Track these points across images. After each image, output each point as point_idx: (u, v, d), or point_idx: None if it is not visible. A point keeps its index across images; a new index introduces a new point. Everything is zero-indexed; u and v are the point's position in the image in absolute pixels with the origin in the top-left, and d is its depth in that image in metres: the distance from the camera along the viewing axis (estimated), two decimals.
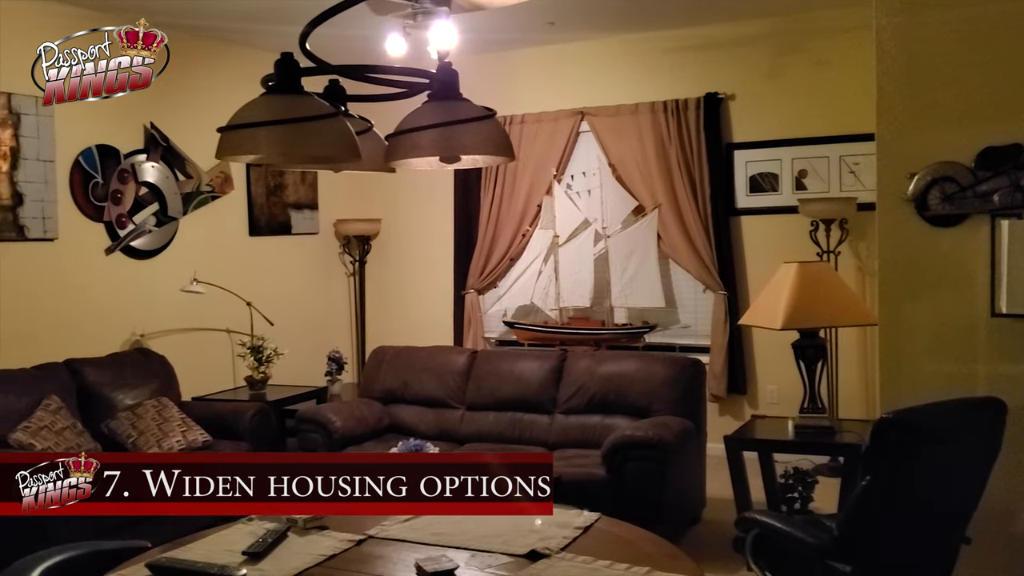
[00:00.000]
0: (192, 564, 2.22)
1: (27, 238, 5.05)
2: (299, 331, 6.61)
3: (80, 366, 5.05)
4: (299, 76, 2.02)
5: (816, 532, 2.89)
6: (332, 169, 2.44)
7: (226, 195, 6.34)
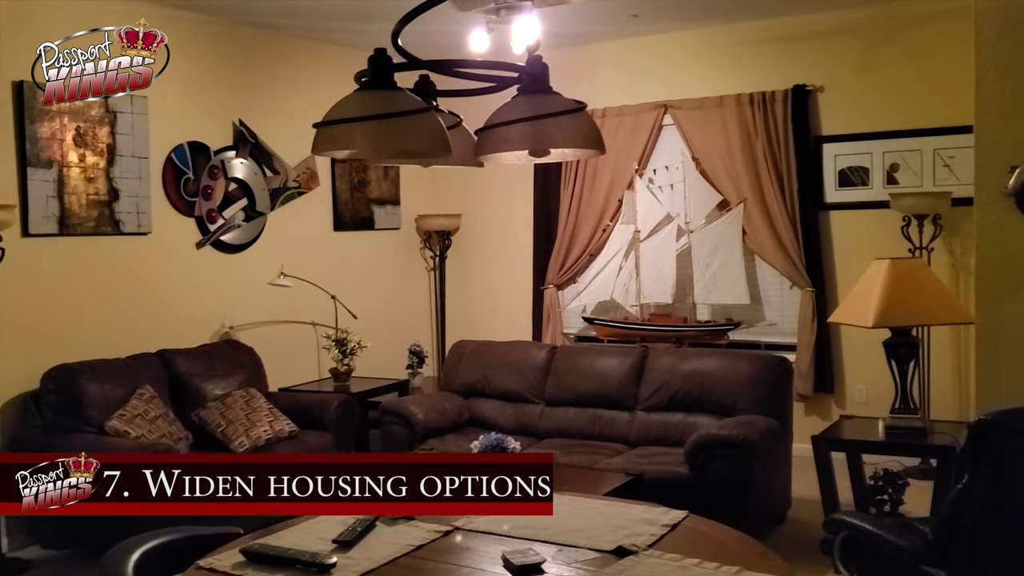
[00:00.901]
0: (284, 551, 2.27)
1: (122, 232, 5.22)
2: (381, 324, 6.70)
3: (172, 356, 5.21)
4: (392, 72, 2.04)
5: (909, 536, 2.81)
6: (422, 164, 2.46)
7: (312, 191, 6.46)
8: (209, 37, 5.74)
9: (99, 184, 5.09)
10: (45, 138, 4.82)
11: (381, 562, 2.26)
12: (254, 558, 2.26)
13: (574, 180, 6.77)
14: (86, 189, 5.02)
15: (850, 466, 4.36)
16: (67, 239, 4.94)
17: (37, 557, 4.55)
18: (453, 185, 7.32)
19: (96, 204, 5.08)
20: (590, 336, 6.87)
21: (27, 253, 4.71)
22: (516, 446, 4.09)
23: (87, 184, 5.02)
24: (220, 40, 5.81)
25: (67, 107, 4.90)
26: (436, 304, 7.41)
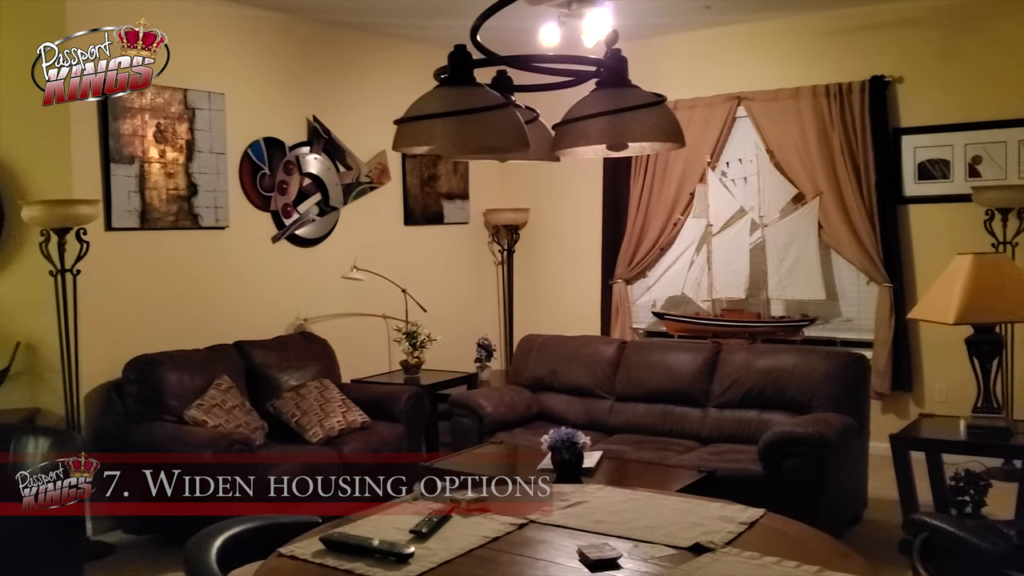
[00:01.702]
0: (363, 540, 2.30)
1: (201, 226, 5.35)
2: (450, 318, 6.75)
3: (249, 348, 5.32)
4: (472, 68, 2.05)
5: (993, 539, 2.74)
6: (498, 159, 2.47)
7: (383, 186, 6.53)
8: (284, 34, 5.84)
9: (178, 179, 5.22)
10: (127, 135, 4.96)
11: (457, 553, 2.28)
12: (333, 546, 2.30)
13: (644, 173, 6.71)
14: (166, 184, 5.15)
15: (930, 466, 4.25)
16: (148, 233, 5.08)
17: (119, 541, 4.70)
18: (522, 179, 7.33)
19: (175, 199, 5.21)
20: (660, 331, 6.82)
21: (110, 246, 4.86)
22: (586, 441, 4.09)
23: (167, 179, 5.16)
24: (295, 37, 5.90)
25: (148, 104, 5.04)
26: (504, 298, 7.43)
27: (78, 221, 4.45)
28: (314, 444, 4.93)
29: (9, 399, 4.62)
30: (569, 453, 4.03)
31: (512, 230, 7.33)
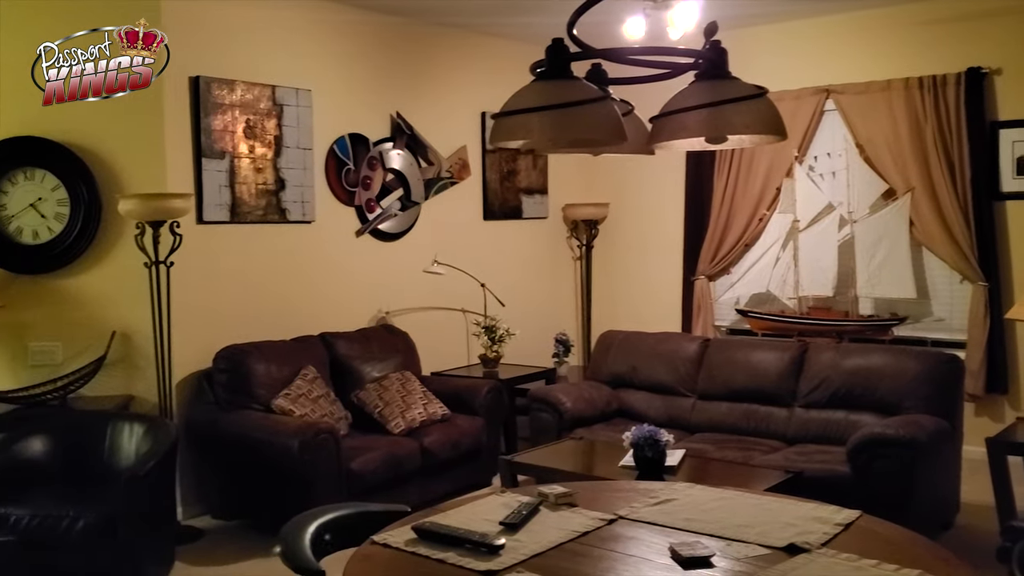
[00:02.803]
0: (454, 530, 2.32)
1: (288, 220, 5.46)
2: (528, 312, 6.76)
3: (333, 339, 5.42)
4: (569, 61, 2.04)
5: None
6: (592, 152, 2.46)
7: (463, 181, 6.57)
8: (370, 32, 5.91)
9: (267, 174, 5.33)
10: (218, 130, 5.08)
11: (548, 546, 2.28)
12: (425, 535, 2.32)
13: (728, 167, 6.61)
14: (255, 179, 5.27)
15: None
16: (237, 226, 5.21)
17: (208, 526, 4.82)
18: (601, 174, 7.29)
19: (264, 193, 5.32)
20: (743, 329, 6.71)
21: (201, 240, 4.99)
22: (669, 439, 4.06)
23: (256, 174, 5.27)
24: (380, 34, 5.97)
25: (238, 100, 5.16)
26: (582, 293, 7.41)
27: (171, 214, 4.58)
28: (396, 435, 4.99)
29: (105, 386, 4.78)
30: (651, 451, 4.01)
31: (591, 225, 7.30)
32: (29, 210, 4.74)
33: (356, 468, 4.55)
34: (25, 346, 4.75)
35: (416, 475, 4.88)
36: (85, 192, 4.73)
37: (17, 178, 4.72)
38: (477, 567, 2.14)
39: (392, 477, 4.72)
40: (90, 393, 4.69)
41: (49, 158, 4.71)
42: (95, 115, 4.74)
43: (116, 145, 4.81)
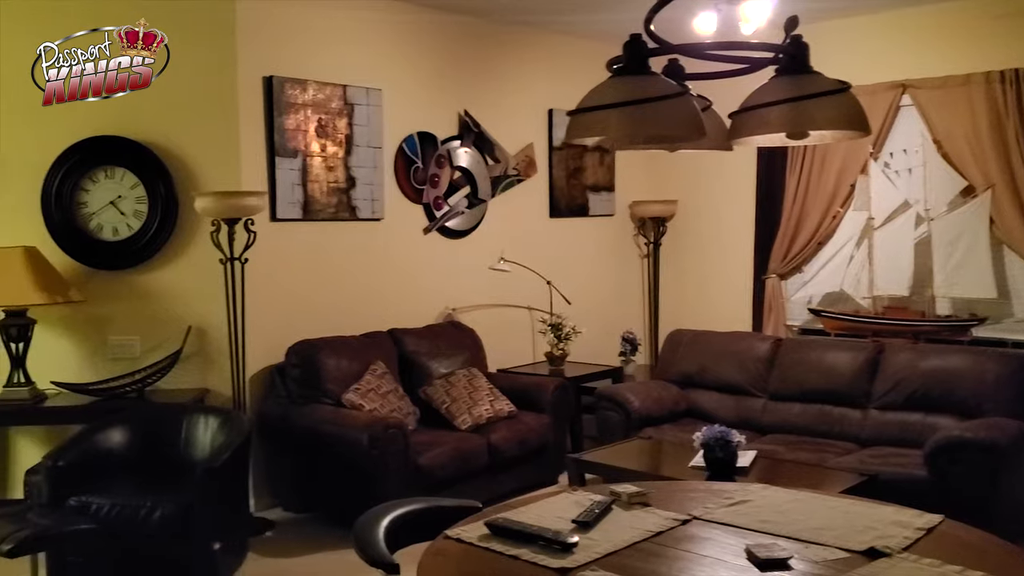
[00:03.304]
0: (527, 526, 2.32)
1: (358, 218, 5.52)
2: (594, 310, 6.74)
3: (401, 335, 5.47)
4: (647, 57, 2.03)
5: None
6: (668, 149, 2.44)
7: (530, 178, 6.57)
8: (438, 30, 5.95)
9: (338, 172, 5.40)
10: (291, 129, 5.17)
11: (622, 545, 2.27)
12: (498, 531, 2.33)
13: (801, 164, 6.48)
14: (326, 177, 5.35)
15: None
16: (309, 224, 5.29)
17: (279, 518, 4.91)
18: (669, 171, 7.22)
19: (335, 191, 5.40)
20: (815, 329, 6.58)
21: (275, 237, 5.07)
22: (741, 440, 4.01)
23: (327, 172, 5.35)
24: (448, 33, 6.01)
25: (310, 100, 5.24)
26: (649, 291, 7.35)
27: (246, 212, 4.67)
28: (463, 431, 5.02)
29: (181, 379, 4.89)
30: (723, 451, 3.97)
31: (659, 222, 7.23)
32: (109, 207, 4.87)
33: (424, 463, 4.58)
34: (105, 340, 4.89)
35: (483, 472, 4.90)
36: (163, 190, 4.85)
37: (98, 176, 4.85)
38: (551, 564, 2.14)
39: (459, 473, 4.75)
40: (167, 386, 4.81)
41: (128, 157, 4.83)
42: (172, 114, 4.86)
43: (192, 144, 4.91)
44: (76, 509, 3.85)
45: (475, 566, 2.20)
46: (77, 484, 3.94)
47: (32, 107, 4.70)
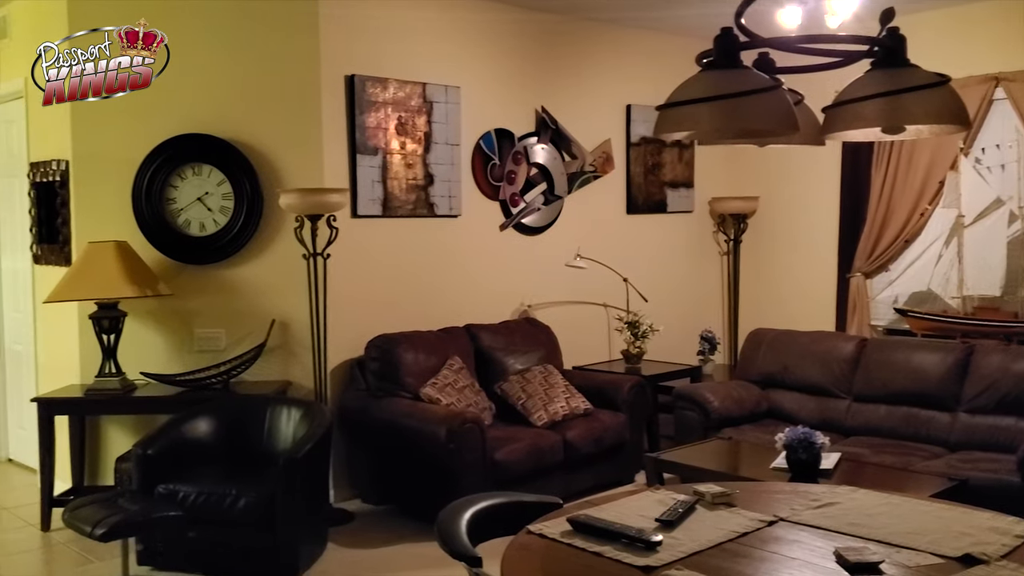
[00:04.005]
0: (610, 524, 2.31)
1: (435, 214, 5.57)
2: (671, 308, 6.67)
3: (477, 331, 5.50)
4: (738, 51, 2.00)
5: None
6: (758, 143, 2.40)
7: (607, 175, 6.54)
8: (517, 27, 5.96)
9: (416, 170, 5.46)
10: (371, 127, 5.23)
11: (706, 545, 2.25)
12: (580, 528, 2.33)
13: (888, 159, 6.30)
14: (405, 174, 5.40)
15: None
16: (388, 220, 5.35)
17: (358, 510, 4.99)
18: (750, 166, 7.11)
19: (414, 188, 5.45)
20: (901, 329, 6.40)
21: (355, 233, 5.15)
22: (825, 441, 3.93)
23: (406, 169, 5.40)
24: (526, 30, 6.01)
25: (391, 98, 5.30)
26: (729, 290, 7.25)
27: (328, 208, 4.74)
28: (539, 427, 5.02)
29: (264, 371, 5.00)
30: (806, 453, 3.89)
31: (739, 219, 7.13)
32: (196, 203, 5.00)
33: (500, 458, 4.60)
34: (192, 332, 5.03)
35: (558, 468, 4.90)
36: (248, 187, 4.96)
37: (186, 173, 4.99)
38: (635, 562, 2.12)
39: (535, 469, 4.75)
40: (251, 378, 4.92)
41: (215, 154, 4.96)
42: (258, 113, 4.97)
43: (277, 142, 5.02)
44: (164, 496, 3.98)
45: (558, 562, 2.20)
46: (165, 472, 4.07)
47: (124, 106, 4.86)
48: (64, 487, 4.89)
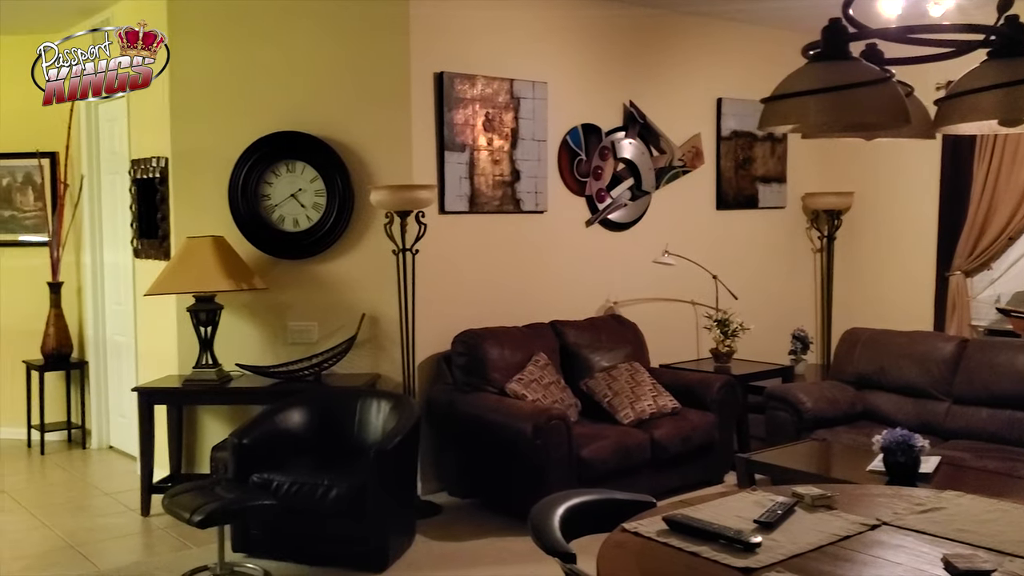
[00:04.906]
0: (708, 524, 2.28)
1: (521, 211, 5.58)
2: (762, 306, 6.54)
3: (563, 327, 5.49)
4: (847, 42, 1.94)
5: None
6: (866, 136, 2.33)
7: (696, 169, 6.45)
8: (604, 21, 5.92)
9: (503, 166, 5.47)
10: (459, 124, 5.27)
11: (807, 548, 2.20)
12: (677, 527, 2.30)
13: (991, 154, 6.06)
14: (492, 171, 5.42)
15: None
16: (475, 216, 5.38)
17: (445, 503, 5.02)
18: (845, 161, 6.93)
19: (500, 184, 5.47)
20: (1003, 330, 6.15)
21: (443, 229, 5.19)
22: (924, 444, 3.81)
23: (493, 166, 5.42)
24: (614, 24, 5.97)
25: (478, 94, 5.32)
26: (822, 288, 7.08)
27: (417, 204, 4.79)
28: (625, 425, 4.98)
29: (354, 364, 5.08)
30: (905, 456, 3.78)
31: (833, 215, 6.95)
32: (290, 200, 5.11)
33: (586, 456, 4.58)
34: (285, 325, 5.14)
35: (645, 467, 4.85)
36: (340, 183, 5.04)
37: (280, 170, 5.10)
38: (734, 563, 2.09)
39: (621, 467, 4.71)
40: (341, 370, 5.01)
41: (308, 152, 5.05)
42: (349, 110, 5.05)
43: (368, 139, 5.09)
44: (259, 485, 4.07)
45: (655, 561, 2.18)
46: (260, 461, 4.17)
47: (221, 104, 5.01)
48: (162, 474, 5.05)
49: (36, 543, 4.53)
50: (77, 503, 5.21)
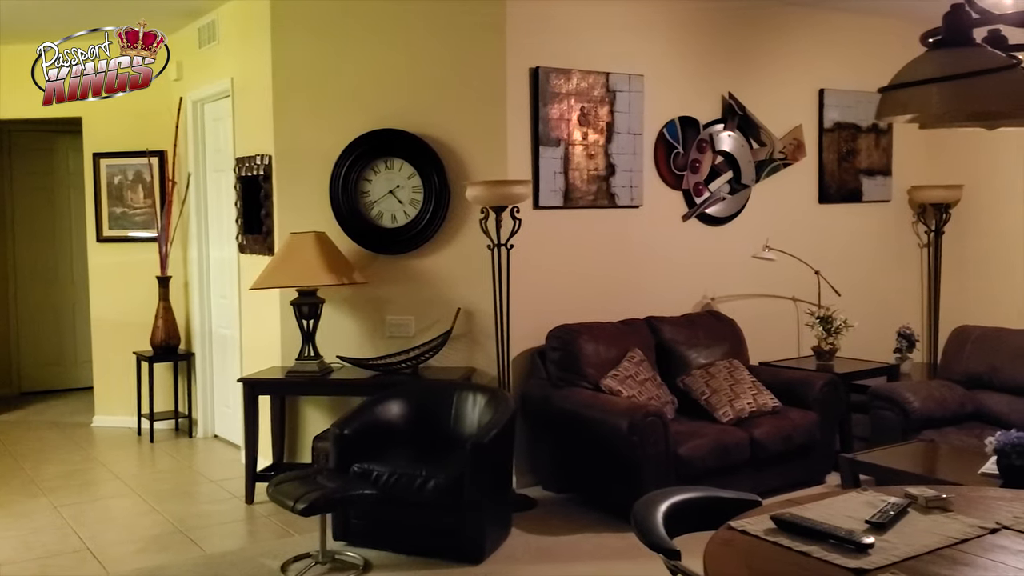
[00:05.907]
0: (818, 523, 2.22)
1: (616, 205, 5.53)
2: (865, 303, 6.35)
3: (658, 323, 5.43)
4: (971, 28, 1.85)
5: None
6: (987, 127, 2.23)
7: (797, 162, 6.30)
8: (702, 12, 5.83)
9: (598, 160, 5.44)
10: (554, 119, 5.26)
11: (922, 550, 2.12)
12: (785, 526, 2.25)
13: None
14: (587, 165, 5.40)
15: None
16: (569, 211, 5.37)
17: (540, 497, 5.03)
18: (953, 153, 6.66)
19: (595, 179, 5.44)
20: None
21: (537, 224, 5.19)
22: None
23: (588, 160, 5.40)
24: (712, 14, 5.87)
25: (573, 89, 5.30)
26: (929, 284, 6.83)
27: (512, 200, 4.80)
28: (723, 423, 4.90)
29: (450, 358, 5.13)
30: (1020, 459, 3.61)
31: (941, 209, 6.69)
32: (388, 196, 5.19)
33: (683, 454, 4.52)
34: (383, 319, 5.22)
35: (745, 466, 4.76)
36: (436, 180, 5.09)
37: (379, 167, 5.18)
38: (845, 564, 2.03)
39: (719, 466, 4.63)
40: (437, 364, 5.06)
41: (406, 149, 5.12)
42: (446, 108, 5.10)
43: (464, 135, 5.13)
44: (359, 475, 4.15)
45: (763, 559, 2.13)
46: (360, 452, 4.25)
47: (322, 103, 5.12)
48: (265, 463, 5.19)
49: (147, 527, 4.72)
50: (184, 490, 5.41)
